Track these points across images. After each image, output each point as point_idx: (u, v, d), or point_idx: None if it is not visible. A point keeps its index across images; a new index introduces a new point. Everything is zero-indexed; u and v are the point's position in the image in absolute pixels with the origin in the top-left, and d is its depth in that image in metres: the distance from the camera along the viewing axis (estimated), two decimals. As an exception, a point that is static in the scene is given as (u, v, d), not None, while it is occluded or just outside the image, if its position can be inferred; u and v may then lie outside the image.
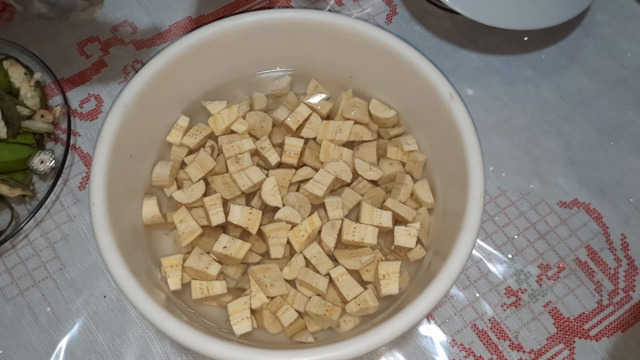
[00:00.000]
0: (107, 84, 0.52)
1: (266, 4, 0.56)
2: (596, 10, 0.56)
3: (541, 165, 0.49)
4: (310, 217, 0.41)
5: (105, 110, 0.51)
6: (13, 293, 0.44)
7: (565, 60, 0.54)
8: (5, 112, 0.46)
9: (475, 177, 0.38)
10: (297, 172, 0.43)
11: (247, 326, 0.39)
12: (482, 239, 0.46)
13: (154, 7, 0.56)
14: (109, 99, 0.51)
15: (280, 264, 0.41)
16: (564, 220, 0.47)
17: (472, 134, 0.39)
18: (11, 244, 0.46)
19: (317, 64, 0.48)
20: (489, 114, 0.51)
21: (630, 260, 0.46)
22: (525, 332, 0.43)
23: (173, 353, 0.42)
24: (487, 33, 0.54)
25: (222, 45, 0.45)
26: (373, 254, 0.41)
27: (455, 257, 0.36)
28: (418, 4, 0.56)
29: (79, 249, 0.46)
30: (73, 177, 0.48)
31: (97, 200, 0.38)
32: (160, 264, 0.41)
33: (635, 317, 0.44)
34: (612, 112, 0.51)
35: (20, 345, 0.43)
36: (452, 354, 0.43)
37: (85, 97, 0.52)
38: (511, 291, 0.45)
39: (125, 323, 0.43)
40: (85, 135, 0.50)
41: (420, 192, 0.43)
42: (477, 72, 0.53)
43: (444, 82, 0.41)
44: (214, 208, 0.41)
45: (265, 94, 0.48)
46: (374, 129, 0.46)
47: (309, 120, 0.45)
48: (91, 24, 0.55)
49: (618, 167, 0.49)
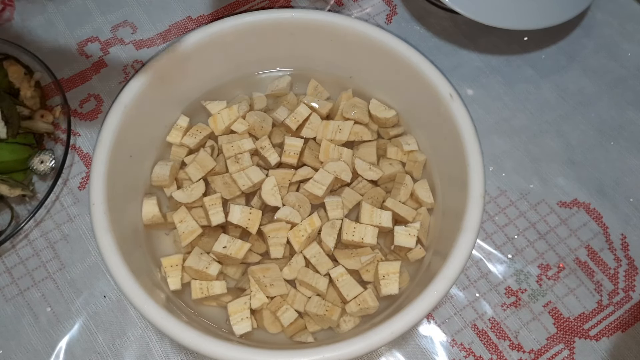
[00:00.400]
0: (107, 84, 0.52)
1: (266, 4, 0.56)
2: (596, 10, 0.56)
3: (541, 165, 0.49)
4: (310, 217, 0.41)
5: (105, 110, 0.51)
6: (13, 293, 0.44)
7: (565, 60, 0.54)
8: (5, 112, 0.46)
9: (475, 177, 0.38)
10: (297, 172, 0.43)
11: (247, 326, 0.39)
12: (482, 239, 0.46)
13: (154, 7, 0.56)
14: (109, 99, 0.51)
15: (280, 264, 0.41)
16: (564, 220, 0.47)
17: (472, 134, 0.39)
18: (11, 244, 0.46)
19: (317, 64, 0.48)
20: (489, 114, 0.51)
21: (630, 260, 0.46)
22: (525, 332, 0.43)
23: (173, 353, 0.42)
24: (487, 33, 0.54)
25: (222, 45, 0.45)
26: (373, 254, 0.41)
27: (455, 257, 0.36)
28: (418, 4, 0.56)
29: (79, 249, 0.46)
30: (73, 177, 0.48)
31: (97, 200, 0.38)
32: (160, 264, 0.41)
33: (635, 317, 0.44)
34: (612, 112, 0.51)
35: (20, 345, 0.43)
36: (452, 354, 0.43)
37: (85, 97, 0.52)
38: (511, 291, 0.45)
39: (125, 323, 0.43)
40: (85, 135, 0.50)
41: (420, 192, 0.43)
42: (477, 72, 0.53)
43: (444, 82, 0.41)
44: (214, 208, 0.41)
45: (265, 94, 0.48)
46: (374, 129, 0.46)
47: (308, 120, 0.45)
48: (91, 23, 0.55)
49: (618, 167, 0.49)
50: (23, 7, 0.55)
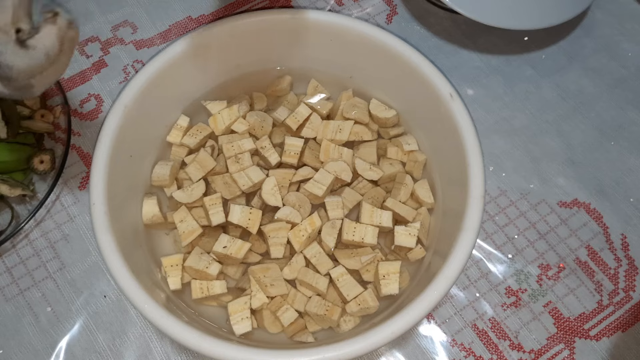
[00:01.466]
0: (107, 84, 0.52)
1: (266, 4, 0.56)
2: (596, 10, 0.56)
3: (541, 165, 0.49)
4: (310, 217, 0.41)
5: (105, 110, 0.51)
6: (13, 293, 0.44)
7: (565, 60, 0.54)
8: (5, 112, 0.46)
9: (475, 177, 0.38)
10: (297, 172, 0.43)
11: (247, 326, 0.39)
12: (482, 239, 0.46)
13: (154, 7, 0.56)
14: (109, 99, 0.51)
15: (280, 264, 0.41)
16: (564, 220, 0.47)
17: (472, 134, 0.39)
18: (11, 243, 0.46)
19: (317, 64, 0.48)
20: (489, 114, 0.51)
21: (630, 260, 0.46)
22: (526, 332, 0.43)
23: (173, 353, 0.42)
24: (487, 33, 0.54)
25: (222, 45, 0.45)
26: (373, 253, 0.41)
27: (455, 257, 0.36)
28: (418, 4, 0.56)
29: (79, 249, 0.46)
30: (73, 177, 0.48)
31: (97, 200, 0.38)
32: (160, 263, 0.41)
33: (635, 317, 0.44)
34: (612, 112, 0.51)
35: (20, 345, 0.43)
36: (452, 354, 0.43)
37: (85, 97, 0.52)
38: (511, 291, 0.45)
39: (125, 323, 0.43)
40: (85, 135, 0.50)
41: (420, 192, 0.43)
42: (477, 72, 0.53)
43: (444, 82, 0.41)
44: (214, 208, 0.41)
45: (265, 93, 0.48)
46: (374, 128, 0.46)
47: (309, 120, 0.45)
48: (91, 23, 0.55)
49: (618, 167, 0.49)
50: (23, 7, 0.55)
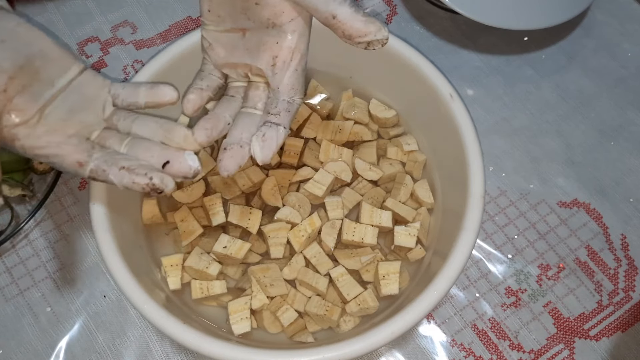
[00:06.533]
0: (107, 84, 0.52)
1: (266, 4, 0.56)
2: (596, 10, 0.56)
3: (541, 165, 0.49)
4: (310, 217, 0.41)
5: (105, 110, 0.51)
6: (13, 293, 0.44)
7: (565, 60, 0.54)
8: (5, 112, 0.46)
9: (475, 177, 0.38)
10: (297, 172, 0.43)
11: (246, 326, 0.39)
12: (482, 239, 0.46)
13: (154, 7, 0.56)
14: (109, 99, 0.51)
15: (280, 264, 0.41)
16: (564, 220, 0.47)
17: (472, 134, 0.39)
18: (11, 243, 0.46)
19: (317, 64, 0.48)
20: (489, 114, 0.51)
21: (630, 260, 0.46)
22: (525, 332, 0.43)
23: (173, 353, 0.42)
24: (487, 33, 0.54)
25: (222, 45, 0.45)
26: (373, 254, 0.41)
27: (455, 257, 0.36)
28: (418, 4, 0.56)
29: (79, 249, 0.46)
30: (73, 177, 0.48)
31: (97, 200, 0.38)
32: (160, 263, 0.41)
33: (635, 317, 0.44)
34: (612, 112, 0.51)
35: (20, 345, 0.43)
36: (452, 354, 0.43)
37: (85, 97, 0.51)
38: (511, 291, 0.45)
39: (125, 323, 0.43)
40: (85, 135, 0.50)
41: (420, 192, 0.43)
42: (477, 72, 0.53)
43: (444, 82, 0.41)
44: (214, 208, 0.41)
45: (265, 93, 0.48)
46: (374, 129, 0.46)
47: (308, 120, 0.45)
48: (91, 23, 0.55)
49: (618, 167, 0.49)
50: (23, 7, 0.55)
